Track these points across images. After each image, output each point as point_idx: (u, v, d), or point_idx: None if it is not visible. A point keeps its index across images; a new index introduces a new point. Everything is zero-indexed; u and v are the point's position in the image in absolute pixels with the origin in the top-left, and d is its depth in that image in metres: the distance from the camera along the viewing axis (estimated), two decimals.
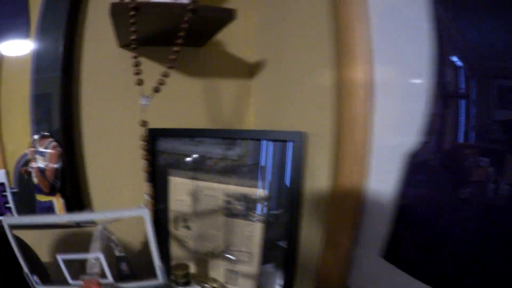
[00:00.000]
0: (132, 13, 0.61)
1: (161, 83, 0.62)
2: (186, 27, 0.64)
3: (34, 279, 0.57)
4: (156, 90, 0.62)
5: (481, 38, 0.38)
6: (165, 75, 0.63)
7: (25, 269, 0.56)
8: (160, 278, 0.52)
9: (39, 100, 0.78)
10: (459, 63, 0.40)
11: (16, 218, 0.55)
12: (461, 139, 0.40)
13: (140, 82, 0.60)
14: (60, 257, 0.52)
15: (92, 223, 0.63)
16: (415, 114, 0.44)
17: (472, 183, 0.38)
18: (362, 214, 0.54)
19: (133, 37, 0.62)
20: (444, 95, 0.42)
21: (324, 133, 0.62)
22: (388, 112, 0.50)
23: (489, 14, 0.37)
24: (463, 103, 0.40)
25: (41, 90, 0.78)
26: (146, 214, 0.49)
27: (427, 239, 0.44)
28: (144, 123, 0.60)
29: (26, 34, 0.78)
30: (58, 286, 0.56)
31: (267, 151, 0.71)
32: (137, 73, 0.61)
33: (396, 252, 0.47)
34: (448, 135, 0.41)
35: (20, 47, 0.78)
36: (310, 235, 0.68)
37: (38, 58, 0.78)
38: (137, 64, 0.61)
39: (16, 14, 0.78)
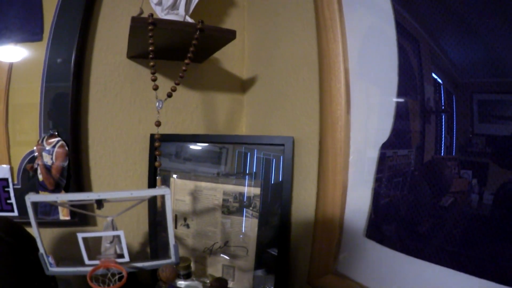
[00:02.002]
0: (150, 27, 0.70)
1: (173, 89, 0.71)
2: (196, 43, 0.74)
3: (49, 260, 0.61)
4: (169, 95, 0.70)
5: (463, 55, 0.42)
6: (177, 83, 0.71)
7: (41, 250, 0.60)
8: (173, 257, 0.58)
9: (49, 102, 0.84)
10: (440, 80, 0.46)
11: (39, 196, 0.58)
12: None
13: (156, 87, 0.69)
14: (80, 235, 0.57)
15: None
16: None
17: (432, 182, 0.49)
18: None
19: (151, 48, 0.70)
20: (424, 110, 0.49)
21: (311, 138, 0.73)
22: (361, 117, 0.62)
23: (470, 31, 0.41)
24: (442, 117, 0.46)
25: (52, 94, 0.84)
26: (167, 193, 0.56)
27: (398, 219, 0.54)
28: (158, 123, 0.68)
29: (38, 38, 0.84)
30: (73, 266, 0.60)
31: (257, 157, 0.80)
32: (154, 80, 0.69)
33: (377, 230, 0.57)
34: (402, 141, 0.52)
35: (32, 51, 0.84)
36: (300, 235, 0.77)
37: (50, 64, 0.84)
38: (154, 72, 0.69)
39: (29, 18, 0.83)
